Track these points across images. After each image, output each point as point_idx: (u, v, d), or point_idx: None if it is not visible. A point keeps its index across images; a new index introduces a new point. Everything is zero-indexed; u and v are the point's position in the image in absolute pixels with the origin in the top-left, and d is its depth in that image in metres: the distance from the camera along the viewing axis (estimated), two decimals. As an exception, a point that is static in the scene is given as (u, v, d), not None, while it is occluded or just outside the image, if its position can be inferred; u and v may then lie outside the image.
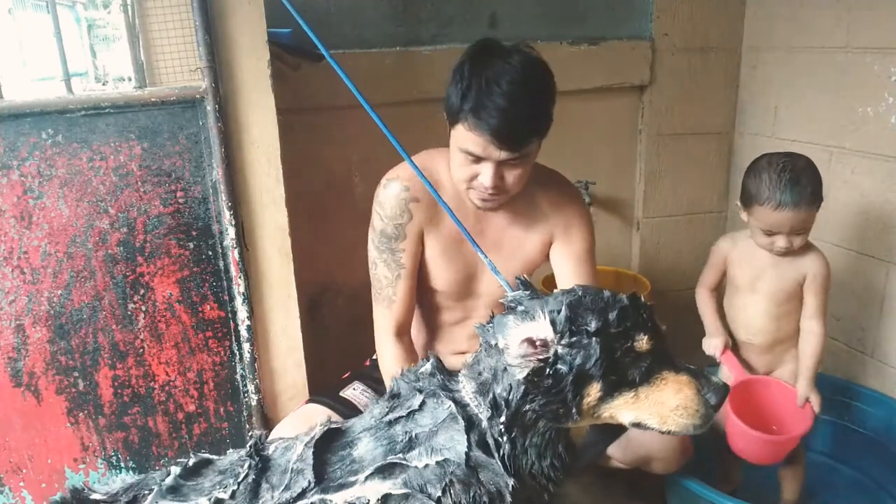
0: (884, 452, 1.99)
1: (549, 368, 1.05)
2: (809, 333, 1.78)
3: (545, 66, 1.42)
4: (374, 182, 1.62)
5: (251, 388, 1.77)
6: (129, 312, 1.67)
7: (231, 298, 1.72)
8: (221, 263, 1.69)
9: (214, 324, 1.72)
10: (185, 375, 1.74)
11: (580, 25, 2.37)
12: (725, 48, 2.49)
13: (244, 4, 1.58)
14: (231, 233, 1.66)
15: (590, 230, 1.65)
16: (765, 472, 1.89)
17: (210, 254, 1.68)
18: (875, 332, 2.16)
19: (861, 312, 2.19)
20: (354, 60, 2.06)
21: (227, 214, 1.65)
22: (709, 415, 1.11)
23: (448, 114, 1.44)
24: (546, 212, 1.61)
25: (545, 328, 1.05)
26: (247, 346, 1.74)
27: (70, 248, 1.61)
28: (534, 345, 1.05)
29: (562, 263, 1.63)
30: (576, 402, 1.06)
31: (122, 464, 1.76)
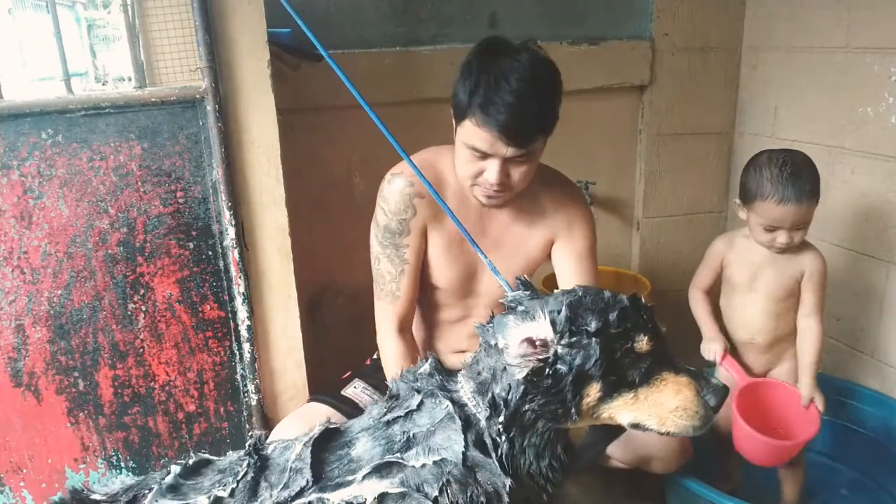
0: (884, 452, 1.99)
1: (549, 368, 1.05)
2: (808, 331, 1.78)
3: (553, 65, 1.43)
4: (374, 182, 1.62)
5: (251, 388, 1.77)
6: (129, 312, 1.67)
7: (231, 298, 1.72)
8: (221, 263, 1.69)
9: (214, 324, 1.73)
10: (186, 375, 1.74)
11: (580, 25, 2.36)
12: (725, 48, 2.49)
13: (244, 4, 1.59)
14: (231, 233, 1.66)
15: (592, 229, 1.65)
16: (765, 472, 1.89)
17: (210, 254, 1.68)
18: (875, 332, 2.16)
19: (861, 312, 2.19)
20: (354, 60, 2.06)
21: (227, 214, 1.65)
22: (708, 416, 1.11)
23: (455, 110, 1.44)
24: (549, 211, 1.61)
25: (545, 328, 1.05)
26: (247, 346, 1.74)
27: (70, 248, 1.61)
28: (534, 345, 1.05)
29: (563, 262, 1.63)
30: (575, 403, 1.06)
31: (123, 464, 1.76)
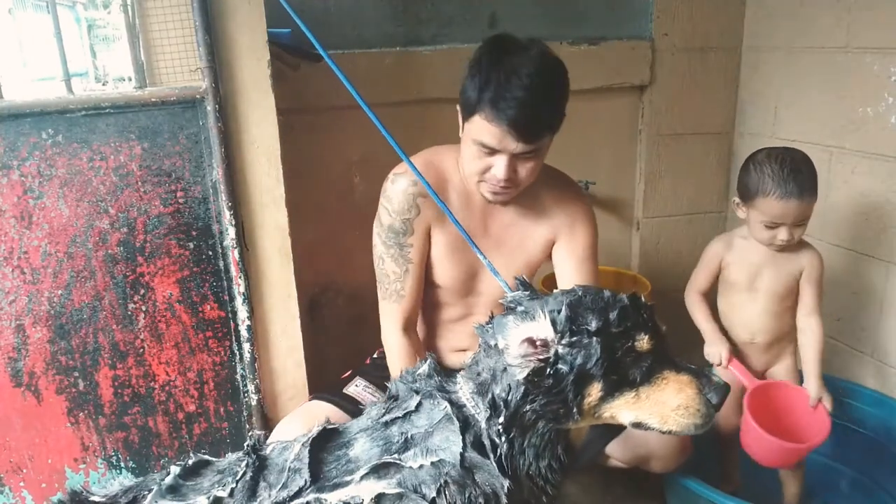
0: (884, 452, 1.99)
1: (550, 368, 1.05)
2: (809, 330, 1.78)
3: (561, 63, 1.44)
4: (375, 182, 1.62)
5: (251, 388, 1.77)
6: (130, 312, 1.67)
7: (231, 298, 1.72)
8: (221, 263, 1.69)
9: (214, 324, 1.72)
10: (186, 375, 1.74)
11: (580, 25, 2.36)
12: (725, 48, 2.49)
13: (244, 4, 1.58)
14: (231, 233, 1.66)
15: (593, 229, 1.66)
16: (765, 472, 1.89)
17: (210, 254, 1.68)
18: (875, 332, 2.16)
19: (861, 312, 2.19)
20: (354, 60, 2.06)
21: (227, 214, 1.65)
22: (710, 414, 1.11)
23: (464, 107, 1.44)
24: (551, 210, 1.62)
25: (545, 328, 1.05)
26: (247, 346, 1.74)
27: (70, 248, 1.61)
28: (534, 345, 1.05)
29: (564, 261, 1.64)
30: (576, 402, 1.06)
31: (123, 464, 1.76)
